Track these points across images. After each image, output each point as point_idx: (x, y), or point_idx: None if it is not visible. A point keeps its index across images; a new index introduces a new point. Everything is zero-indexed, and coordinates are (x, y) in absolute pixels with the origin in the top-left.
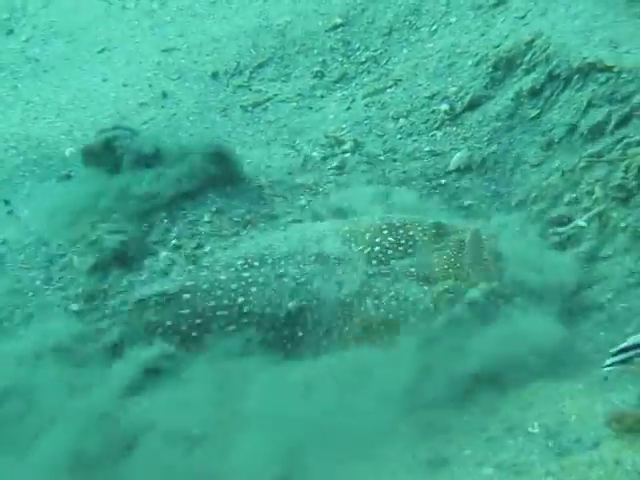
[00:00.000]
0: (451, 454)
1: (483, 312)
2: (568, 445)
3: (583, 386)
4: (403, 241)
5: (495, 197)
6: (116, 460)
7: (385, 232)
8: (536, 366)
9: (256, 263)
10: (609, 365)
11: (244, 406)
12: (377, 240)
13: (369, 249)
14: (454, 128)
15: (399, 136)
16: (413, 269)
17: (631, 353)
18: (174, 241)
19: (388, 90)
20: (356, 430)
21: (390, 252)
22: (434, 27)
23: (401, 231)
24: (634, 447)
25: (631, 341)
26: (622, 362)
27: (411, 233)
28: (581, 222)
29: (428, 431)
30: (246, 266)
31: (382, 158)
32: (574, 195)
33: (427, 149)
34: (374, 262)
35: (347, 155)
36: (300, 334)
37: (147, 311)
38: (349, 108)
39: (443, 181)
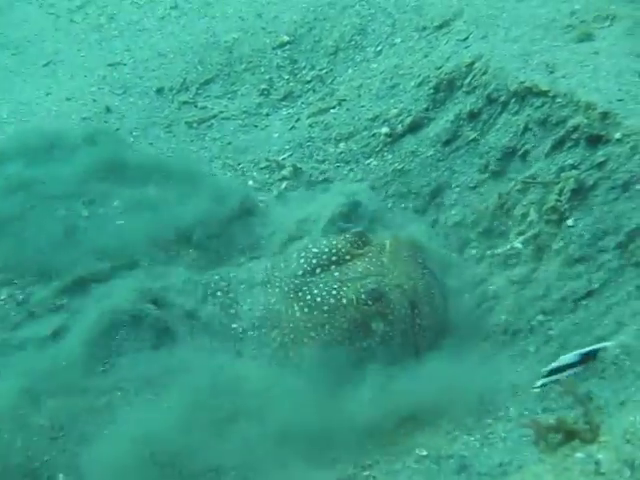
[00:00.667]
0: None
1: None
2: None
3: None
4: (327, 252)
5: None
6: None
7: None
8: None
9: None
10: (541, 386)
11: None
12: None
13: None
14: (390, 155)
15: (337, 164)
16: (337, 274)
17: (562, 374)
18: None
19: (332, 110)
20: None
21: (316, 262)
22: (379, 47)
23: (325, 242)
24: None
25: (562, 361)
26: (553, 382)
27: (335, 244)
28: (517, 244)
29: None
30: None
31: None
32: (510, 217)
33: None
34: (301, 274)
35: (285, 183)
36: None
37: None
38: (293, 127)
39: None
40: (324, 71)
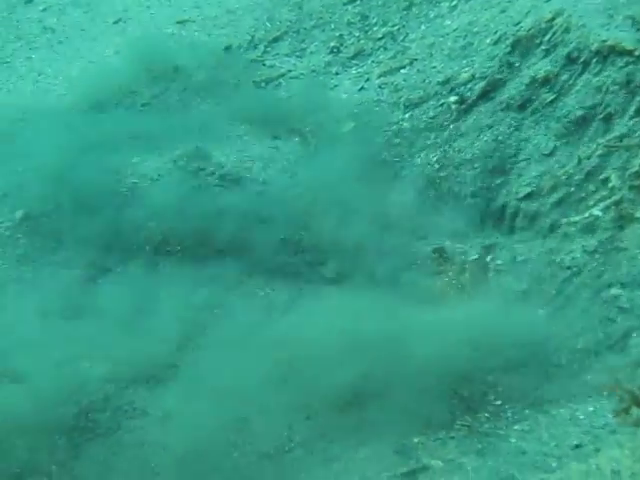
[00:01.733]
0: None
1: None
2: None
3: None
4: None
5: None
6: None
7: None
8: None
9: None
10: None
11: None
12: None
13: None
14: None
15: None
16: None
17: None
18: None
19: (402, 70)
20: None
21: None
22: (454, 2)
23: None
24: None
25: None
26: None
27: None
28: (596, 211)
29: None
30: None
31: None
32: (590, 183)
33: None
34: None
35: None
36: None
37: None
38: (362, 88)
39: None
40: (396, 27)
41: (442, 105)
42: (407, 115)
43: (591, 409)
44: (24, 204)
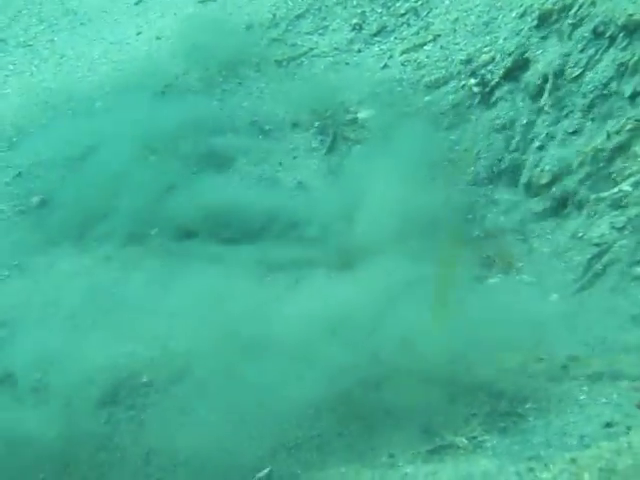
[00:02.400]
0: None
1: None
2: None
3: None
4: None
5: None
6: None
7: None
8: None
9: None
10: None
11: None
12: None
13: None
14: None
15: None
16: None
17: None
18: None
19: (425, 47)
20: None
21: None
22: None
23: None
24: None
25: None
26: None
27: None
28: (626, 186)
29: None
30: None
31: None
32: (620, 158)
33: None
34: None
35: None
36: None
37: None
38: (386, 66)
39: None
40: (419, 3)
41: (463, 87)
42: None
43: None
44: None
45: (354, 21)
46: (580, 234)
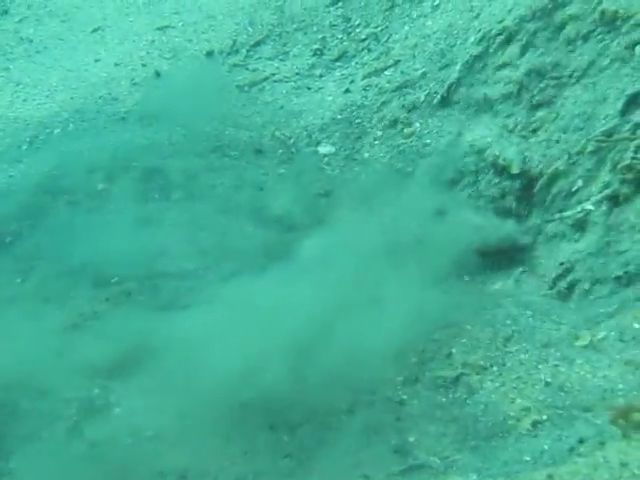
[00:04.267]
0: None
1: None
2: None
3: None
4: None
5: None
6: None
7: None
8: None
9: None
10: None
11: None
12: None
13: None
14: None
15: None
16: None
17: None
18: None
19: (386, 72)
20: None
21: None
22: (436, 1)
23: None
24: None
25: None
26: None
27: None
28: (589, 205)
29: None
30: None
31: None
32: (582, 178)
33: None
34: None
35: None
36: None
37: None
38: (348, 90)
39: None
40: (379, 29)
41: None
42: None
43: None
44: None
45: (315, 46)
46: None
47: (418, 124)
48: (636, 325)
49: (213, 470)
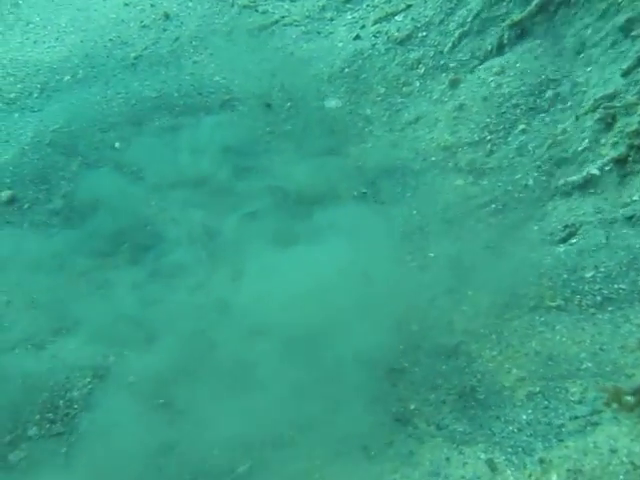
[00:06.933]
0: None
1: None
2: None
3: None
4: None
5: None
6: None
7: None
8: None
9: None
10: None
11: None
12: None
13: None
14: None
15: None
16: None
17: None
18: None
19: (397, 17)
20: None
21: None
22: None
23: None
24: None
25: None
26: None
27: None
28: (594, 170)
29: None
30: None
31: None
32: (587, 142)
33: None
34: None
35: None
36: None
37: None
38: (358, 37)
39: None
40: None
41: None
42: None
43: None
44: None
45: None
46: None
47: (418, 83)
48: None
49: None
